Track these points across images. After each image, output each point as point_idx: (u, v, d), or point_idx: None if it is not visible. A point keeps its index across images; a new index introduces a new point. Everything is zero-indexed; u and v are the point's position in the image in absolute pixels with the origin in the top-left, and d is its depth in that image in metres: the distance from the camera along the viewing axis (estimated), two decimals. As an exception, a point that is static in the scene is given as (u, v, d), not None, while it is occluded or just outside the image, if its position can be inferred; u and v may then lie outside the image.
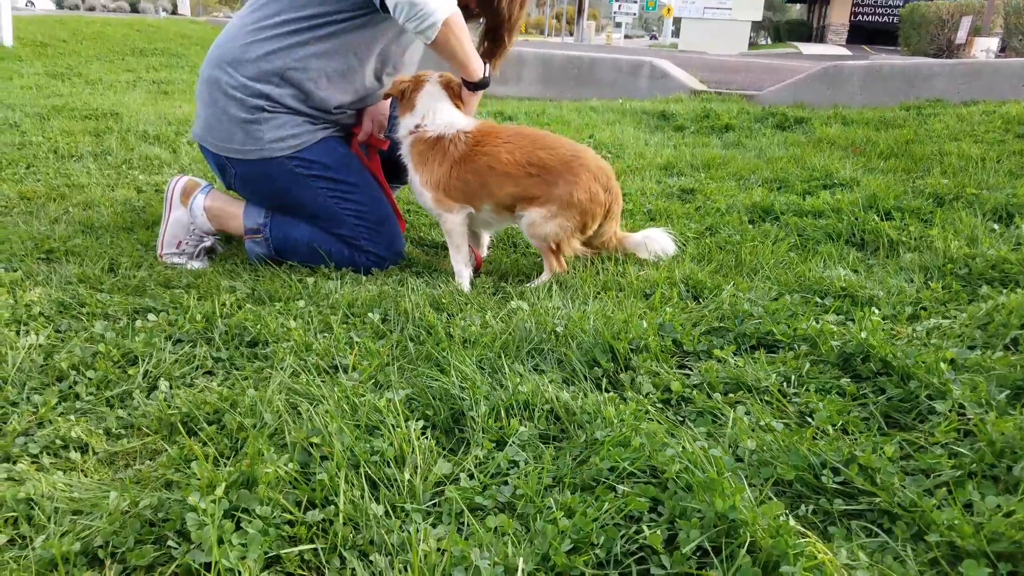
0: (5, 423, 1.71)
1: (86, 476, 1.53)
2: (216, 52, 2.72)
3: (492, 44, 2.93)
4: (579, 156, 2.66)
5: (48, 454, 1.60)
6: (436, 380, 1.83)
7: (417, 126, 2.68)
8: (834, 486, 1.43)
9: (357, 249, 2.80)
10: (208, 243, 2.92)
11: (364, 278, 2.69)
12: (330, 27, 2.62)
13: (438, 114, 2.68)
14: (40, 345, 2.05)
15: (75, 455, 1.59)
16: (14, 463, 1.55)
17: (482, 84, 2.68)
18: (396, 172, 3.02)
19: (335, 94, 2.72)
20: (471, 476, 1.49)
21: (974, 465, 1.46)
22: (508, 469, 1.52)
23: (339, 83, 2.72)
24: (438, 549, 1.25)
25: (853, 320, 2.22)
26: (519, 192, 2.64)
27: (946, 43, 23.38)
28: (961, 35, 22.36)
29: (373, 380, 1.91)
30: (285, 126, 2.67)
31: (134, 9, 54.67)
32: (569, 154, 2.65)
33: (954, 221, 3.17)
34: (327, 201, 2.76)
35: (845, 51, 31.31)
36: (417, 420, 1.66)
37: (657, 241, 2.87)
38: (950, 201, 3.53)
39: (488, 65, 2.71)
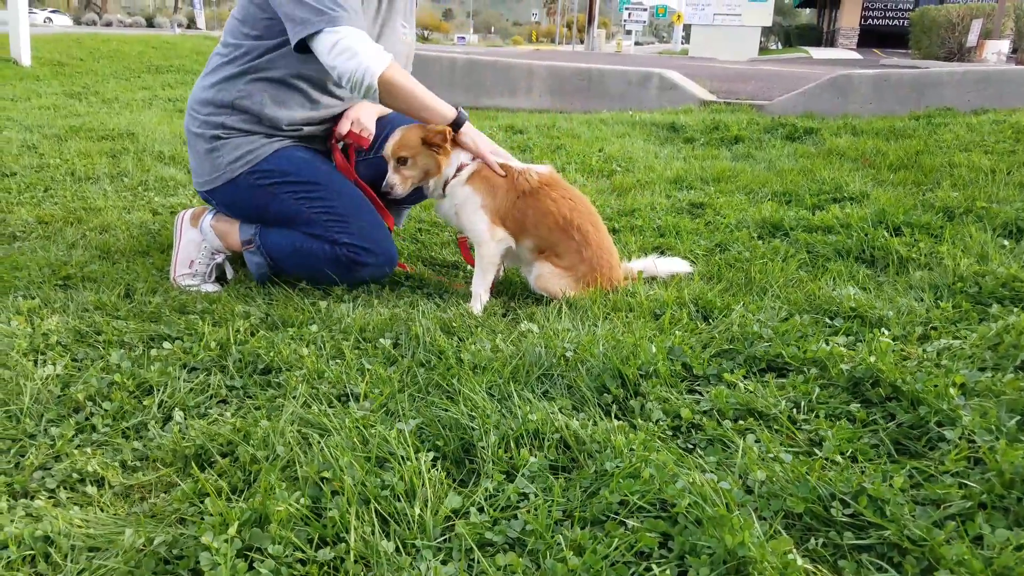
0: (23, 456, 1.74)
1: (102, 511, 1.56)
2: (189, 97, 2.94)
3: None
4: (614, 255, 2.81)
5: (65, 488, 1.63)
6: (446, 410, 1.84)
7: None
8: (844, 519, 1.43)
9: (336, 244, 2.82)
10: (219, 260, 2.99)
11: (376, 301, 2.71)
12: (264, 56, 2.75)
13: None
14: (57, 375, 2.08)
15: (91, 489, 1.61)
16: (32, 498, 1.58)
17: (457, 123, 2.69)
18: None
19: (283, 112, 2.83)
20: (481, 510, 1.50)
21: (984, 496, 1.46)
22: (518, 502, 1.53)
23: (286, 102, 2.83)
24: (448, 587, 1.26)
25: (863, 341, 2.22)
26: (556, 244, 2.73)
27: (957, 46, 23.27)
28: (972, 38, 22.25)
29: (384, 409, 1.92)
30: (240, 146, 2.81)
31: (150, 24, 55.26)
32: (607, 245, 2.79)
33: (964, 237, 3.16)
34: (294, 205, 2.84)
35: (855, 55, 31.22)
36: (427, 451, 1.68)
37: (668, 265, 2.96)
38: (960, 215, 3.52)
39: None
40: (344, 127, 2.94)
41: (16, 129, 6.20)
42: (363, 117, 2.98)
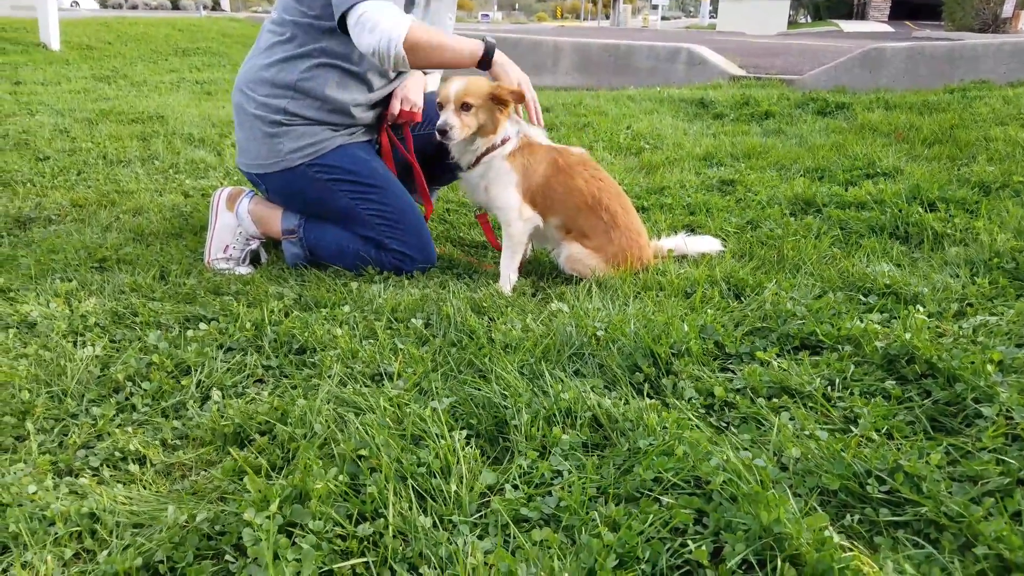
0: (66, 435, 1.78)
1: (144, 488, 1.59)
2: (240, 75, 2.88)
3: None
4: (643, 235, 2.80)
5: (108, 466, 1.67)
6: (479, 389, 1.86)
7: (520, 133, 2.74)
8: (880, 495, 1.43)
9: (383, 249, 2.86)
10: (254, 246, 3.01)
11: (407, 282, 2.73)
12: (324, 38, 2.69)
13: (532, 129, 2.79)
14: (97, 356, 2.13)
15: (134, 467, 1.65)
16: (76, 476, 1.62)
17: (488, 54, 2.66)
18: (434, 172, 3.15)
19: (348, 94, 2.79)
20: (515, 487, 1.51)
21: (1022, 472, 1.44)
22: (552, 479, 1.54)
23: (348, 86, 2.79)
24: (485, 563, 1.28)
25: (897, 318, 2.20)
26: (584, 224, 2.73)
27: (992, 17, 22.71)
28: (1007, 8, 21.73)
29: (418, 387, 1.94)
30: (303, 136, 2.78)
31: (175, 6, 55.56)
32: (636, 225, 2.79)
33: (1000, 212, 3.11)
34: (350, 203, 2.84)
35: (887, 27, 30.60)
36: (461, 429, 1.69)
37: (699, 243, 2.95)
38: (996, 190, 3.46)
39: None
40: (396, 107, 2.95)
41: (48, 113, 6.28)
42: (411, 94, 3.00)
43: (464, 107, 2.58)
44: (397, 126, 3.05)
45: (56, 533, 1.42)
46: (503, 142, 2.68)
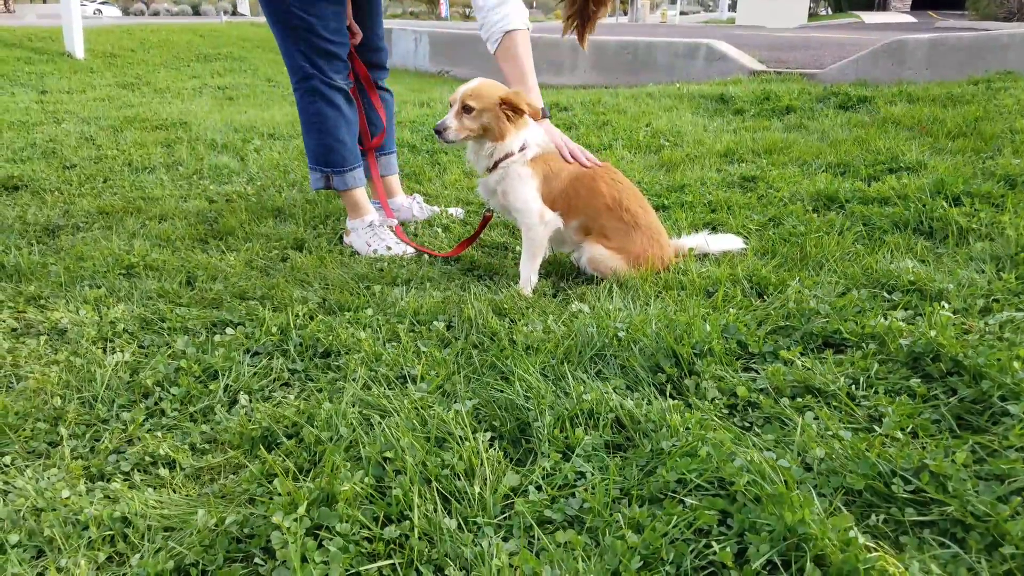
0: (98, 441, 1.82)
1: (175, 492, 1.62)
2: None
3: (581, 18, 3.12)
4: (663, 234, 2.81)
5: (139, 471, 1.70)
6: (501, 391, 1.87)
7: (541, 143, 2.76)
8: (905, 495, 1.42)
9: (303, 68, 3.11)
10: (376, 221, 3.28)
11: (428, 284, 2.75)
12: None
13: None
14: (126, 362, 2.16)
15: (164, 471, 1.68)
16: (108, 481, 1.65)
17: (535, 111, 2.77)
18: None
19: None
20: (539, 488, 1.53)
21: (1051, 471, 1.43)
22: (575, 480, 1.55)
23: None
24: (510, 565, 1.29)
25: (922, 315, 2.18)
26: (605, 225, 2.74)
27: (1017, 6, 22.39)
28: (1034, -4, 21.41)
29: (441, 390, 1.96)
30: None
31: (196, 11, 56.05)
32: (656, 226, 2.80)
33: (1028, 205, 3.07)
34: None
35: (910, 18, 30.24)
36: (484, 431, 1.71)
37: (720, 241, 2.94)
38: (1022, 183, 3.41)
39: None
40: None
41: (74, 121, 6.38)
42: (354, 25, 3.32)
43: (466, 109, 2.60)
44: None
45: (89, 537, 1.45)
46: (522, 149, 2.69)
